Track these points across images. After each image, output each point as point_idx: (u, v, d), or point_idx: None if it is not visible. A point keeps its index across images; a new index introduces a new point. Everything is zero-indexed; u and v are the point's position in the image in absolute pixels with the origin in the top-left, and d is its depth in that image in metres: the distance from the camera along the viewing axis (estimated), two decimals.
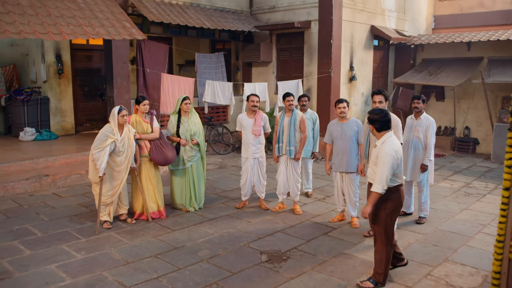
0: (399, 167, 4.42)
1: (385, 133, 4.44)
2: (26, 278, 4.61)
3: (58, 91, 11.09)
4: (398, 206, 4.49)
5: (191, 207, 6.96)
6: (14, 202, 7.18)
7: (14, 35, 6.88)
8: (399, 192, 4.47)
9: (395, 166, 4.34)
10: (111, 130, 5.96)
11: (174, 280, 4.64)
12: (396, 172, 4.39)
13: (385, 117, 4.42)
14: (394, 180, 4.40)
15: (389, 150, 4.32)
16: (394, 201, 4.43)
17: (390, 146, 4.35)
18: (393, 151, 4.32)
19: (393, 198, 4.42)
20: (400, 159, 4.41)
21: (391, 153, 4.31)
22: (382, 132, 4.45)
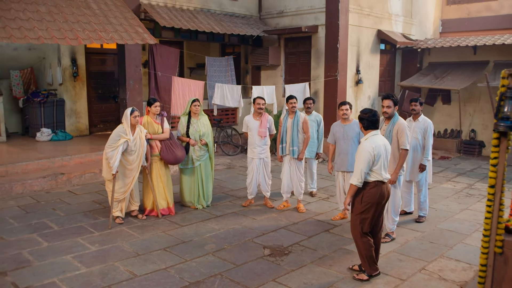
0: (377, 164, 4.61)
1: (371, 132, 4.71)
2: (45, 266, 4.97)
3: (73, 94, 11.51)
4: (374, 201, 4.66)
5: (199, 205, 7.28)
6: (32, 198, 7.56)
7: (34, 40, 7.27)
8: (378, 188, 4.65)
9: (371, 162, 4.58)
10: (123, 130, 6.30)
11: (181, 271, 4.95)
12: (374, 168, 4.62)
13: (372, 117, 4.68)
14: (372, 176, 4.64)
15: (367, 147, 4.60)
16: (370, 195, 4.65)
17: (368, 143, 4.62)
18: (370, 148, 4.59)
19: (370, 193, 4.65)
20: (377, 156, 4.60)
21: (368, 149, 4.58)
22: (368, 130, 4.73)
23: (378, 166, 4.63)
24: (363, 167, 4.58)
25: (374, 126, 4.74)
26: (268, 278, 4.81)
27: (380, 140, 4.73)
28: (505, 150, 3.98)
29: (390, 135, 5.83)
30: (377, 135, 4.75)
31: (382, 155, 4.67)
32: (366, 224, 4.75)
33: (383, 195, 4.73)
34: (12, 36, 7.02)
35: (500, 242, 4.07)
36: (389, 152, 4.85)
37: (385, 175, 4.73)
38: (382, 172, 4.67)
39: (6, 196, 7.58)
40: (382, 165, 4.66)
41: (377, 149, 4.64)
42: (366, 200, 4.70)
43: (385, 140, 4.87)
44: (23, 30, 7.28)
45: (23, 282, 4.60)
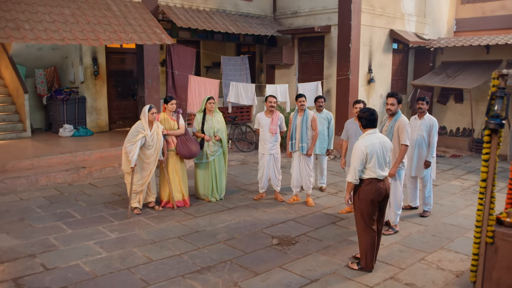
0: (371, 162, 4.83)
1: (369, 130, 4.97)
2: (69, 251, 5.39)
3: (94, 91, 12.00)
4: (370, 197, 4.88)
5: (213, 198, 7.65)
6: (56, 190, 8.03)
7: (59, 41, 7.72)
8: (373, 185, 4.87)
9: (364, 160, 4.82)
10: (142, 126, 6.70)
11: (194, 257, 5.32)
12: (368, 165, 4.85)
13: (370, 116, 4.94)
14: (366, 173, 4.89)
15: (360, 145, 4.85)
16: (365, 192, 4.90)
17: (362, 142, 4.88)
18: (363, 146, 4.83)
19: (365, 190, 4.90)
20: (370, 155, 4.81)
21: (361, 148, 4.83)
22: (366, 128, 4.99)
23: (371, 164, 4.86)
24: (357, 164, 4.85)
25: (372, 125, 4.99)
26: (275, 265, 5.15)
27: (376, 138, 4.92)
28: (496, 146, 4.25)
29: (391, 131, 6.11)
30: (374, 134, 4.96)
31: (376, 153, 4.85)
32: (367, 219, 5.01)
33: (379, 192, 4.92)
34: (39, 38, 7.48)
35: (491, 233, 4.34)
36: (386, 150, 5.01)
37: (381, 172, 4.90)
38: (376, 170, 4.87)
39: (32, 188, 8.07)
40: (376, 163, 4.85)
41: (370, 147, 4.84)
42: (362, 197, 4.96)
43: (384, 138, 5.06)
44: (49, 31, 7.74)
45: (51, 263, 5.03)
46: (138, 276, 4.79)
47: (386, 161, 5.02)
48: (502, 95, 4.09)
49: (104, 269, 4.93)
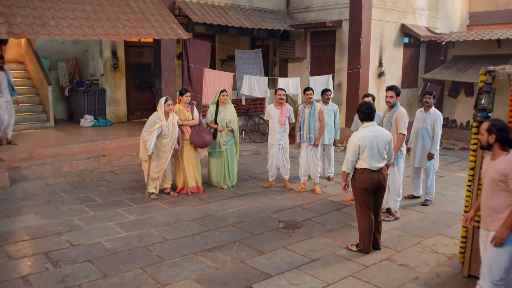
0: (364, 153, 5.15)
1: (366, 123, 5.31)
2: (92, 230, 5.90)
3: (113, 83, 12.53)
4: (364, 186, 5.22)
5: (225, 185, 8.10)
6: (78, 176, 8.57)
7: (81, 36, 8.21)
8: (366, 175, 5.20)
9: (356, 151, 5.17)
10: (158, 117, 7.16)
11: (206, 238, 5.78)
12: (361, 156, 5.19)
13: (366, 109, 5.28)
14: (359, 163, 5.24)
15: (353, 137, 5.21)
16: (359, 181, 5.26)
17: (356, 134, 5.23)
18: (356, 138, 5.17)
19: (359, 179, 5.26)
20: (362, 146, 5.12)
21: (354, 140, 5.18)
22: (363, 122, 5.33)
23: (364, 155, 5.18)
24: (349, 155, 5.22)
25: (368, 118, 5.32)
26: (280, 245, 5.58)
27: (371, 131, 5.22)
28: None
29: (390, 122, 6.48)
30: (370, 127, 5.26)
31: (370, 145, 5.15)
32: (363, 205, 5.37)
33: (373, 181, 5.22)
34: (63, 33, 7.98)
35: (478, 217, 4.68)
36: (382, 142, 5.24)
37: (374, 163, 5.19)
38: (370, 161, 5.18)
39: (56, 174, 8.62)
40: (369, 154, 5.16)
41: (363, 140, 5.16)
42: (357, 185, 5.33)
43: (381, 131, 5.31)
44: (72, 27, 8.23)
45: (76, 240, 5.54)
46: (154, 253, 5.27)
47: (381, 153, 5.26)
48: (489, 90, 4.43)
49: (123, 246, 5.43)
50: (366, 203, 5.35)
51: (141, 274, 4.73)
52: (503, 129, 3.69)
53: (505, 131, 3.68)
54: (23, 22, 7.73)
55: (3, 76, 9.11)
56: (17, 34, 7.50)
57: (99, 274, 4.69)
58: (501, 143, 3.70)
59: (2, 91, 9.09)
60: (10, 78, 9.29)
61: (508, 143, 3.69)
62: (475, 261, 4.77)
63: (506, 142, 3.69)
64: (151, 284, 4.51)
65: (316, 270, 4.92)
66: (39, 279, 4.55)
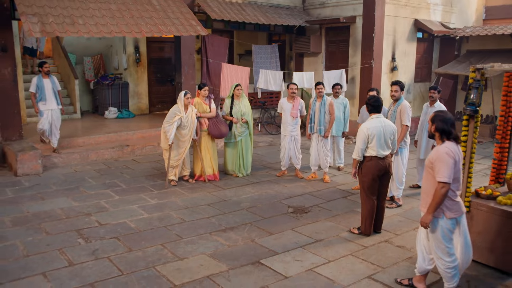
0: (372, 142, 5.59)
1: (374, 115, 5.76)
2: (117, 212, 6.51)
3: (136, 77, 13.17)
4: (371, 171, 5.67)
5: (240, 173, 8.63)
6: (104, 164, 9.22)
7: (107, 34, 8.81)
8: (374, 162, 5.65)
9: (366, 140, 5.61)
10: (178, 109, 7.72)
11: (220, 220, 6.33)
12: (369, 145, 5.63)
13: (374, 102, 5.74)
14: (368, 151, 5.67)
15: (363, 128, 5.65)
16: (367, 167, 5.71)
17: (365, 125, 5.67)
18: (365, 128, 5.62)
19: (367, 165, 5.71)
20: (371, 136, 5.56)
21: (363, 130, 5.62)
22: (372, 113, 5.78)
23: (373, 144, 5.63)
24: (360, 144, 5.67)
25: (376, 110, 5.78)
26: (287, 228, 6.10)
27: (378, 122, 5.68)
28: (473, 129, 5.01)
29: (395, 114, 6.92)
30: (377, 118, 5.73)
31: (378, 135, 5.60)
32: (368, 190, 5.84)
33: (379, 168, 5.69)
34: (91, 31, 8.58)
35: (468, 203, 5.13)
36: (388, 132, 5.71)
37: (381, 151, 5.65)
38: (378, 149, 5.64)
39: (84, 162, 9.28)
40: (377, 143, 5.61)
41: (372, 129, 5.61)
42: (364, 171, 5.80)
43: (387, 123, 5.80)
44: (99, 25, 8.83)
45: (103, 220, 6.17)
46: (173, 232, 5.85)
47: (387, 142, 5.74)
48: (477, 86, 4.84)
49: (146, 226, 6.02)
50: (371, 189, 5.80)
51: (162, 249, 5.31)
52: (443, 120, 4.14)
53: (444, 123, 4.13)
54: (54, 22, 8.36)
55: (48, 83, 8.94)
56: (49, 32, 8.13)
57: (125, 249, 5.29)
58: (440, 133, 4.15)
59: (46, 99, 8.89)
60: (55, 86, 9.06)
61: (445, 134, 4.14)
62: None
63: (444, 133, 4.13)
64: (170, 258, 5.08)
65: (319, 249, 5.42)
66: (73, 251, 5.18)
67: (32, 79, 8.97)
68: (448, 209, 4.14)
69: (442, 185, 4.01)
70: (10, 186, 7.65)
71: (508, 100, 5.69)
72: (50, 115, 8.95)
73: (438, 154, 4.10)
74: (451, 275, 4.23)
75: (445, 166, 4.02)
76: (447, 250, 4.20)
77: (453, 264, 4.21)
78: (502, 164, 5.90)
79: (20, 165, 8.22)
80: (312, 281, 4.63)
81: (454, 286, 4.27)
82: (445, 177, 4.00)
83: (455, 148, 4.13)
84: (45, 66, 8.96)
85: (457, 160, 4.10)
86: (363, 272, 4.86)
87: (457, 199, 4.19)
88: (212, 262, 5.00)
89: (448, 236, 4.18)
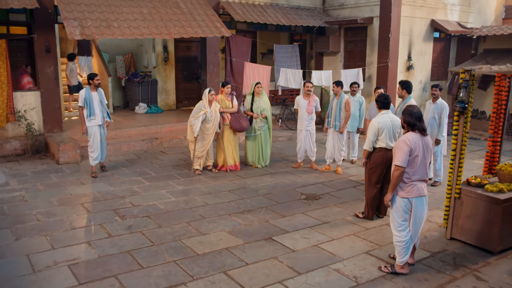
0: (382, 134, 6.19)
1: (383, 111, 6.34)
2: (148, 195, 7.35)
3: (164, 75, 14.05)
4: (379, 161, 6.31)
5: (259, 164, 9.37)
6: (135, 155, 10.09)
7: (139, 36, 9.66)
8: (382, 152, 6.26)
9: (376, 133, 6.22)
10: (203, 105, 8.50)
11: (239, 204, 7.08)
12: (379, 137, 6.24)
13: (384, 100, 6.30)
14: (378, 143, 6.29)
15: (374, 122, 6.27)
16: (376, 157, 6.34)
17: (376, 119, 6.28)
18: (376, 123, 6.23)
19: (376, 156, 6.34)
20: (381, 129, 6.16)
21: (374, 124, 6.23)
22: (381, 109, 6.36)
23: (383, 136, 6.25)
24: (370, 136, 6.30)
25: (386, 107, 6.35)
26: (299, 212, 6.80)
27: (387, 117, 6.27)
28: (463, 124, 5.62)
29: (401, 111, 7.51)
30: (386, 114, 6.29)
31: (387, 128, 6.20)
32: (373, 178, 6.50)
33: (387, 158, 6.28)
34: (125, 33, 9.44)
35: (458, 190, 5.74)
36: (395, 126, 6.30)
37: (389, 143, 6.25)
38: (387, 141, 6.24)
39: (117, 153, 10.18)
40: (386, 135, 6.22)
41: (381, 124, 6.23)
42: (372, 161, 6.45)
43: (394, 118, 6.37)
44: (132, 28, 9.69)
45: (136, 202, 7.02)
46: (197, 213, 6.63)
47: (394, 135, 6.33)
48: (466, 85, 5.43)
49: (173, 207, 6.83)
50: (376, 177, 6.45)
51: (187, 226, 6.09)
52: (410, 114, 4.81)
53: (410, 116, 4.81)
54: (93, 25, 9.25)
55: (96, 96, 8.35)
56: (88, 35, 9.02)
57: (155, 225, 6.10)
58: (407, 125, 4.85)
59: (96, 113, 8.27)
60: (103, 99, 8.48)
61: (410, 126, 4.82)
62: (455, 226, 5.81)
63: (409, 125, 4.83)
64: (194, 233, 5.86)
65: (325, 230, 6.12)
66: (111, 226, 6.03)
67: (80, 92, 8.37)
68: (401, 189, 4.84)
69: (397, 168, 4.74)
70: (53, 173, 8.59)
71: (499, 99, 6.23)
72: (98, 131, 8.42)
73: (398, 142, 4.84)
74: (400, 249, 4.89)
75: (400, 152, 4.72)
76: (396, 225, 4.89)
77: (402, 239, 4.86)
78: (494, 157, 6.46)
79: (61, 154, 9.16)
80: (316, 254, 5.34)
81: (403, 261, 4.90)
82: (399, 161, 4.71)
83: (414, 138, 4.76)
84: (96, 78, 8.41)
85: (412, 148, 4.72)
86: (361, 249, 5.54)
87: (411, 182, 4.80)
88: (230, 237, 5.76)
89: (399, 213, 4.87)
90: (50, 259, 5.07)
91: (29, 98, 9.97)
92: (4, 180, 8.00)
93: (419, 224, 4.92)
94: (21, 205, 6.80)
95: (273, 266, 5.03)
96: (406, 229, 4.88)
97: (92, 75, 8.46)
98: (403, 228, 4.88)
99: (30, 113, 10.00)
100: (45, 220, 6.23)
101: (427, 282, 4.79)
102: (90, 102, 8.26)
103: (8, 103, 9.64)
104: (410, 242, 4.90)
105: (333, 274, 4.88)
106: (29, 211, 6.56)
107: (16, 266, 4.91)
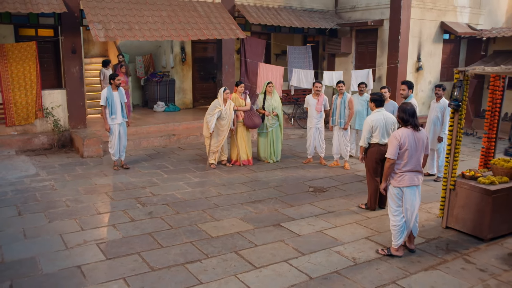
0: (376, 131, 6.64)
1: (377, 109, 6.82)
2: (167, 186, 7.93)
3: (181, 75, 14.66)
4: (374, 156, 6.79)
5: (271, 159, 9.89)
6: (154, 150, 10.70)
7: (158, 38, 10.26)
8: (376, 148, 6.73)
9: (370, 130, 6.68)
10: (218, 103, 9.05)
11: (251, 195, 7.61)
12: (373, 134, 6.70)
13: (379, 98, 6.82)
14: (372, 140, 6.75)
15: (368, 120, 6.73)
16: (371, 152, 6.82)
17: (370, 117, 6.74)
18: (370, 120, 6.69)
19: (371, 151, 6.82)
20: (375, 127, 6.61)
21: (368, 121, 6.70)
22: (375, 108, 6.86)
23: (376, 133, 6.71)
24: (365, 133, 6.78)
25: (380, 104, 6.85)
26: (306, 202, 7.31)
27: (381, 115, 6.71)
28: (458, 120, 6.06)
29: None
30: (380, 112, 6.74)
31: (380, 125, 6.65)
32: (372, 172, 6.97)
33: (381, 153, 6.70)
34: (145, 36, 10.06)
35: (453, 182, 6.18)
36: (388, 123, 6.72)
37: (383, 140, 6.70)
38: (380, 137, 6.71)
39: (137, 148, 10.80)
40: (380, 132, 6.67)
41: (375, 121, 6.67)
42: (369, 156, 6.92)
43: (388, 115, 6.78)
44: (152, 30, 10.30)
45: (156, 192, 7.60)
46: (212, 202, 7.19)
47: (388, 131, 6.78)
48: (460, 85, 5.87)
49: (189, 197, 7.39)
50: (374, 170, 6.93)
51: (202, 213, 6.65)
52: (403, 111, 5.29)
53: (404, 113, 5.29)
54: (116, 28, 9.88)
55: (117, 96, 8.68)
56: (111, 37, 9.65)
57: (173, 212, 6.67)
58: (400, 120, 5.35)
59: (116, 112, 8.64)
60: (123, 98, 8.81)
61: (403, 121, 5.31)
62: (450, 216, 6.25)
63: (402, 120, 5.33)
64: (209, 219, 6.42)
65: (329, 218, 6.61)
66: (133, 212, 6.62)
67: (102, 92, 8.79)
68: (393, 179, 5.40)
69: (388, 160, 5.32)
70: (78, 165, 9.24)
71: (494, 97, 6.65)
72: (118, 130, 8.80)
73: (390, 137, 5.39)
74: (395, 233, 5.39)
75: (391, 146, 5.26)
76: (392, 211, 5.42)
77: (397, 223, 5.37)
78: (489, 152, 6.88)
79: (86, 148, 9.80)
80: (319, 239, 5.84)
81: (398, 243, 5.39)
82: (390, 154, 5.28)
83: (404, 133, 5.23)
84: (117, 78, 8.74)
85: (402, 143, 5.19)
86: (362, 235, 6.03)
87: (402, 173, 5.28)
88: (242, 223, 6.30)
89: (393, 200, 5.42)
90: (80, 238, 5.67)
91: (55, 96, 10.66)
92: (34, 171, 8.66)
93: (411, 211, 5.37)
94: (52, 193, 7.44)
95: (279, 247, 5.55)
96: (400, 215, 5.36)
97: (113, 75, 8.86)
98: (397, 213, 5.37)
99: (57, 110, 10.68)
100: (73, 206, 6.85)
101: (419, 263, 5.26)
102: (112, 101, 8.64)
103: (37, 100, 10.34)
104: (404, 226, 5.37)
105: (334, 255, 5.39)
106: (59, 198, 7.20)
107: (51, 243, 5.52)
